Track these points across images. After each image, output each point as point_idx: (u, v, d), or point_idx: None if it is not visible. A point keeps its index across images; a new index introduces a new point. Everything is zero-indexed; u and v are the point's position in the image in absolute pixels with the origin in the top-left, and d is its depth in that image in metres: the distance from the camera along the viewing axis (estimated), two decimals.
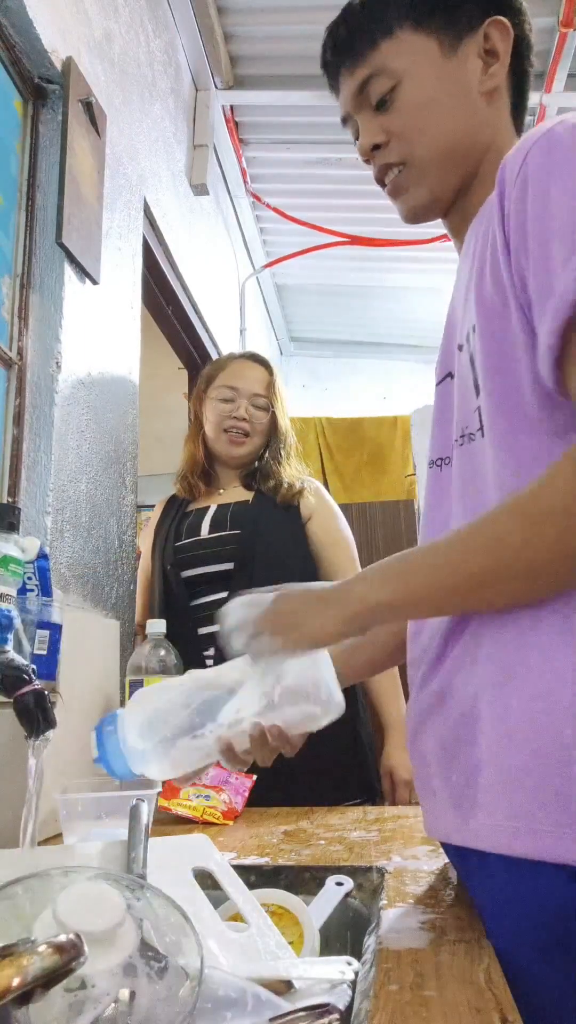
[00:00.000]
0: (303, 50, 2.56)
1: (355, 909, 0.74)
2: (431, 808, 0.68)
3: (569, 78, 2.51)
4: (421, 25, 0.73)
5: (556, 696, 0.56)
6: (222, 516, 1.58)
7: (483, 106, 0.73)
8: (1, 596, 0.82)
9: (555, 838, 0.54)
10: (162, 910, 0.49)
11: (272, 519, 1.55)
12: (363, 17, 0.76)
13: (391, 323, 4.59)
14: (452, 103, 0.73)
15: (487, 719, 0.61)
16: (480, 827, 0.60)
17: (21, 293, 1.33)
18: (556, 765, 0.55)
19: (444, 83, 0.73)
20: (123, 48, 1.76)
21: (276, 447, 1.65)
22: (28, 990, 0.34)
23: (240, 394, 1.63)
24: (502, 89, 0.75)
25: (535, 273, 0.57)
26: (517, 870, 0.57)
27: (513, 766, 0.58)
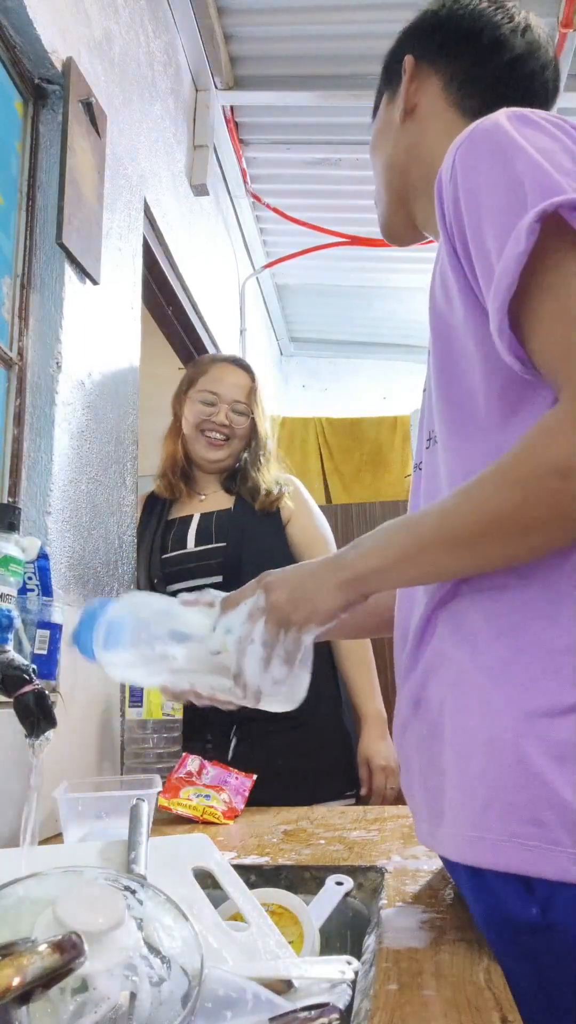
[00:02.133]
0: (303, 50, 2.56)
1: (355, 909, 0.74)
2: (415, 812, 0.69)
3: (569, 78, 2.51)
4: (385, 86, 0.87)
5: (511, 706, 0.56)
6: (207, 526, 1.59)
7: (404, 132, 0.82)
8: (1, 596, 0.82)
9: (509, 849, 0.54)
10: (162, 910, 0.49)
11: (256, 527, 1.57)
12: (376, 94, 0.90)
13: (391, 323, 4.58)
14: (383, 141, 0.85)
15: (449, 727, 0.61)
16: (444, 835, 0.60)
17: (21, 293, 1.33)
18: (509, 775, 0.55)
19: (383, 127, 0.86)
20: (123, 48, 1.76)
21: (256, 452, 1.65)
22: (28, 990, 0.34)
23: (221, 399, 1.64)
24: (423, 109, 0.81)
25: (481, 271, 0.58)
26: (479, 880, 0.57)
27: (470, 775, 0.58)
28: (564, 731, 0.53)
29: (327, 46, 2.52)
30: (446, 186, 0.62)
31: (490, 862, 0.55)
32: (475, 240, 0.58)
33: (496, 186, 0.57)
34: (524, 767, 0.54)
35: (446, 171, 0.62)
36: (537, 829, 0.53)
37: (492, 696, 0.57)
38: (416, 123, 0.82)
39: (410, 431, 3.64)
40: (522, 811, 0.53)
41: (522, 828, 0.53)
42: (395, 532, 0.64)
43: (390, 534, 0.64)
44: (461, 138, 0.62)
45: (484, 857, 0.55)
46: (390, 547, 0.63)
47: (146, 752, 1.31)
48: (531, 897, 0.53)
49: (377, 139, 0.87)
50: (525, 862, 0.53)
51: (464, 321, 0.61)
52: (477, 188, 0.58)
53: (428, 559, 0.61)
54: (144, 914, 0.47)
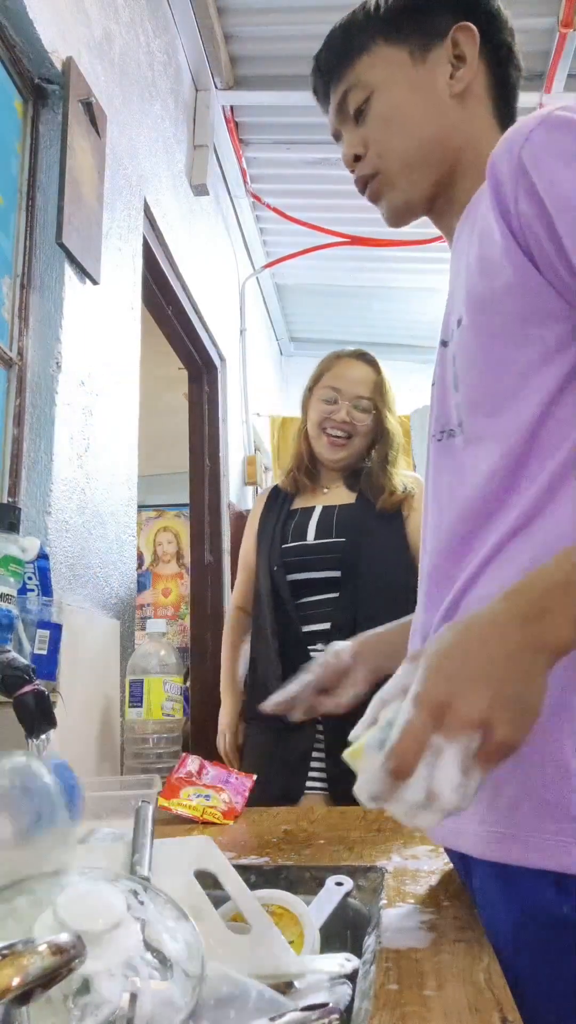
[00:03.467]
0: (303, 50, 2.55)
1: (355, 909, 0.74)
2: None
3: (569, 78, 2.51)
4: (392, 38, 0.77)
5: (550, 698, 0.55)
6: (328, 521, 1.60)
7: (454, 108, 0.76)
8: (1, 596, 0.82)
9: (537, 844, 0.54)
10: (164, 911, 0.49)
11: (377, 527, 1.56)
12: (341, 39, 0.80)
13: (391, 323, 4.58)
14: (420, 108, 0.76)
15: None
16: (469, 833, 0.60)
17: (21, 293, 1.33)
18: (537, 771, 0.55)
19: (413, 90, 0.76)
20: (123, 48, 1.76)
21: (383, 452, 1.63)
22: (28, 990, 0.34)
23: (343, 395, 1.62)
24: (475, 91, 0.77)
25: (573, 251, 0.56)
26: (503, 876, 0.57)
27: (499, 771, 0.57)
28: None
29: None
30: (510, 174, 0.59)
31: (521, 858, 0.54)
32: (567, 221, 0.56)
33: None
34: (556, 763, 0.54)
35: (510, 159, 0.59)
36: (571, 825, 0.52)
37: None
38: (466, 101, 0.76)
39: (410, 431, 3.63)
40: (555, 807, 0.53)
41: (555, 824, 0.53)
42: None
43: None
44: (528, 126, 0.59)
45: (514, 854, 0.55)
46: None
47: (146, 752, 1.31)
48: (562, 894, 0.53)
49: (404, 103, 0.76)
50: (558, 858, 0.53)
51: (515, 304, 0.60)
52: (564, 165, 0.57)
53: None
54: (146, 915, 0.47)
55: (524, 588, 0.52)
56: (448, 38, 0.76)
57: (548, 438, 0.60)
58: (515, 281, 0.60)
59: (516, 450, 0.61)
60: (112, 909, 0.44)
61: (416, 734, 0.46)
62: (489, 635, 0.50)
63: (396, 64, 0.77)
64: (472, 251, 0.65)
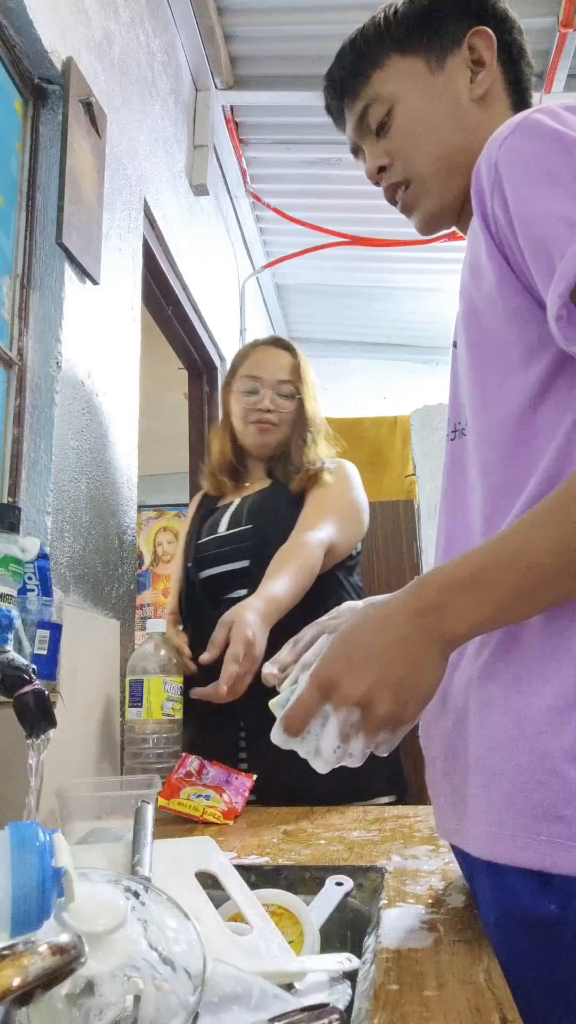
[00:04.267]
0: (303, 50, 2.56)
1: (355, 909, 0.74)
2: (439, 808, 0.69)
3: (569, 78, 2.51)
4: (407, 50, 0.78)
5: (534, 701, 0.56)
6: (240, 510, 1.55)
7: (475, 112, 0.77)
8: (1, 596, 0.82)
9: (527, 844, 0.54)
10: (166, 912, 0.49)
11: (286, 508, 1.50)
12: (353, 56, 0.81)
13: (391, 323, 4.58)
14: (444, 115, 0.77)
15: (473, 722, 0.61)
16: (468, 831, 0.60)
17: (21, 293, 1.33)
18: (530, 771, 0.55)
19: (435, 98, 0.77)
20: (123, 48, 1.76)
21: (301, 433, 1.58)
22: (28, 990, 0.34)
23: (263, 383, 1.58)
24: (495, 93, 0.78)
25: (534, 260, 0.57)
26: (497, 875, 0.57)
27: (492, 770, 0.58)
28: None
29: (327, 46, 2.49)
30: (488, 177, 0.61)
31: (509, 857, 0.55)
32: (528, 230, 0.57)
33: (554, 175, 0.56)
34: (545, 763, 0.54)
35: (488, 162, 0.61)
36: (557, 825, 0.53)
37: (516, 691, 0.58)
38: (487, 103, 0.77)
39: (410, 431, 3.63)
40: (542, 807, 0.54)
41: (542, 824, 0.54)
42: (499, 567, 0.54)
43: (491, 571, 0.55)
44: (507, 130, 0.61)
45: (503, 852, 0.56)
46: (502, 587, 0.54)
47: (146, 752, 1.31)
48: (549, 892, 0.54)
49: (428, 111, 0.77)
50: (544, 857, 0.53)
51: (498, 308, 0.62)
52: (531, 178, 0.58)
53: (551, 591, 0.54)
54: (148, 916, 0.47)
55: (428, 581, 0.59)
56: (464, 44, 0.77)
57: (537, 435, 0.61)
58: (496, 284, 0.61)
59: (508, 448, 0.62)
60: (114, 910, 0.44)
61: (305, 704, 0.58)
62: (385, 623, 0.58)
63: (414, 75, 0.78)
64: (468, 252, 0.67)
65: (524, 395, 0.61)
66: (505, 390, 0.62)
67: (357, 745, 0.58)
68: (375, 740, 0.58)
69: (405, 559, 3.06)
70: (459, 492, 0.69)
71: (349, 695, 0.56)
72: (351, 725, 0.57)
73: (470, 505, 0.67)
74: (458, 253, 3.38)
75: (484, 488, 0.65)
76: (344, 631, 0.60)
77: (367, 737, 0.57)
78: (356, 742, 0.58)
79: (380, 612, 0.59)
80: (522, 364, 0.61)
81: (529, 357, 0.61)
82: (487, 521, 0.64)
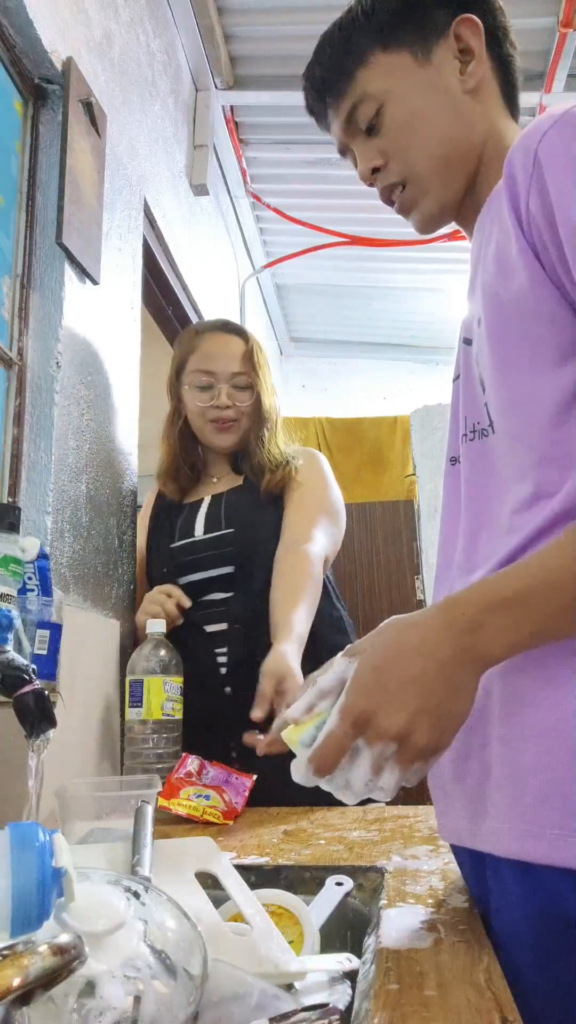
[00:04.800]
0: (303, 50, 2.51)
1: (355, 909, 0.74)
2: (445, 810, 0.67)
3: (569, 78, 2.51)
4: (390, 43, 0.74)
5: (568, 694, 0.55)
6: (216, 512, 1.49)
7: (470, 104, 0.74)
8: (1, 596, 0.82)
9: (562, 843, 0.53)
10: (166, 912, 0.49)
11: (264, 509, 1.45)
12: (334, 53, 0.77)
13: (391, 323, 4.58)
14: (439, 110, 0.73)
15: (497, 715, 0.59)
16: (489, 831, 0.59)
17: (21, 293, 1.33)
18: (564, 766, 0.54)
19: (425, 92, 0.73)
20: (123, 48, 1.76)
21: (258, 430, 1.49)
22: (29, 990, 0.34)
23: (218, 378, 1.47)
24: (487, 81, 0.75)
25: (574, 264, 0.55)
26: (524, 874, 0.56)
27: (521, 766, 0.56)
28: None
29: None
30: (524, 171, 0.58)
31: (546, 857, 0.54)
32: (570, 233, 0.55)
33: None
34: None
35: (524, 156, 0.58)
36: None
37: (547, 684, 0.56)
38: (481, 93, 0.74)
39: (410, 431, 3.64)
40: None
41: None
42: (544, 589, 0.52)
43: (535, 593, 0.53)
44: (547, 122, 0.57)
45: (539, 852, 0.54)
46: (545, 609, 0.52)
47: (146, 752, 1.31)
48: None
49: (420, 106, 0.73)
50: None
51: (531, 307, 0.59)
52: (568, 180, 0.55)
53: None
54: (148, 916, 0.47)
55: (464, 600, 0.55)
56: (450, 33, 0.73)
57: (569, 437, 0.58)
58: (527, 282, 0.59)
59: (542, 448, 0.60)
60: (114, 910, 0.44)
61: (336, 742, 0.53)
62: (422, 646, 0.54)
63: (401, 69, 0.74)
64: (491, 248, 0.64)
65: (559, 395, 0.59)
66: (538, 390, 0.60)
67: (390, 779, 0.54)
68: (410, 771, 0.54)
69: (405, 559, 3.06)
70: (486, 494, 0.66)
71: (387, 730, 0.52)
72: (384, 759, 0.53)
73: (499, 507, 0.64)
74: (458, 253, 3.37)
75: (517, 489, 0.62)
76: (373, 657, 0.55)
77: (402, 769, 0.54)
78: (389, 775, 0.54)
79: (411, 634, 0.55)
80: (556, 364, 0.59)
81: (564, 357, 0.58)
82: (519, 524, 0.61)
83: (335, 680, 0.57)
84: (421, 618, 0.56)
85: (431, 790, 0.69)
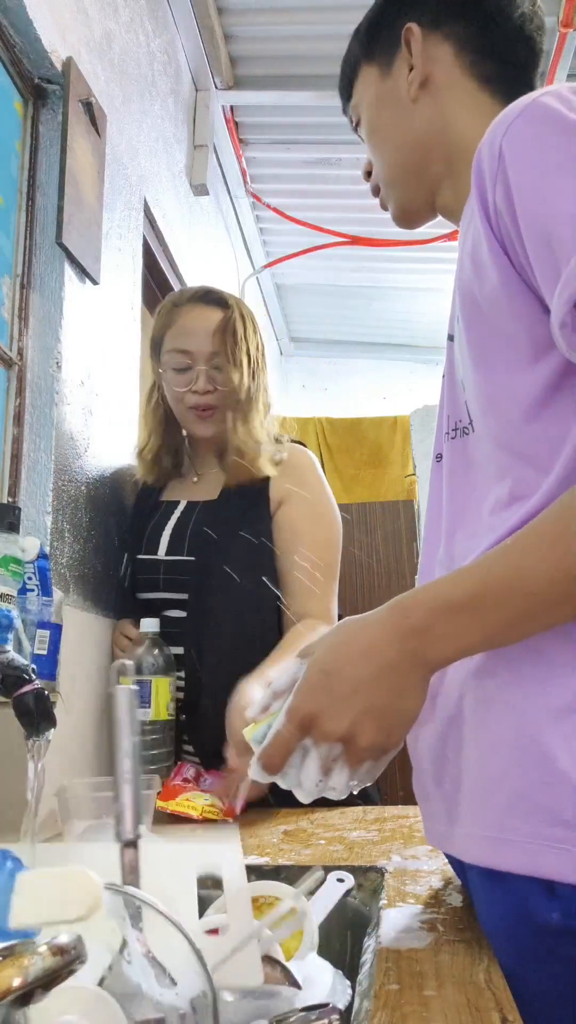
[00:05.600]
0: (303, 50, 2.56)
1: (355, 909, 0.74)
2: (428, 813, 0.66)
3: (569, 78, 2.51)
4: (370, 57, 0.80)
5: (536, 701, 0.54)
6: (182, 530, 1.37)
7: (418, 109, 0.76)
8: (1, 596, 0.82)
9: (531, 851, 0.52)
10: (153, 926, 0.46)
11: (234, 531, 1.31)
12: (342, 67, 0.84)
13: (391, 323, 4.58)
14: (389, 119, 0.78)
15: (469, 723, 0.59)
16: (461, 837, 0.58)
17: (21, 293, 1.33)
18: (534, 774, 0.53)
19: (382, 103, 0.79)
20: (123, 48, 1.76)
21: (235, 415, 1.32)
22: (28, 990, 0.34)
23: (195, 358, 1.33)
24: (439, 82, 0.75)
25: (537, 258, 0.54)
26: (497, 882, 0.55)
27: (490, 773, 0.56)
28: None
29: (327, 46, 2.51)
30: (490, 165, 0.57)
31: (513, 864, 0.53)
32: (532, 226, 0.54)
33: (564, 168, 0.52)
34: (550, 766, 0.52)
35: (490, 149, 0.57)
36: (564, 831, 0.51)
37: (515, 689, 0.55)
38: (431, 96, 0.75)
39: (410, 431, 3.64)
40: (548, 812, 0.52)
41: (548, 830, 0.51)
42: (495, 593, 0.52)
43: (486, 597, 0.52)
44: (512, 114, 0.56)
45: (506, 859, 0.53)
46: (496, 613, 0.52)
47: (145, 752, 1.31)
48: (554, 900, 0.52)
49: (378, 115, 0.79)
50: (551, 865, 0.51)
51: (503, 304, 0.58)
52: (538, 169, 0.53)
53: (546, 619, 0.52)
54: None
55: (413, 603, 0.55)
56: (402, 43, 0.76)
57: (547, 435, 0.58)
58: (499, 279, 0.58)
59: (520, 446, 0.59)
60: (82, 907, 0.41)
61: (282, 742, 0.55)
62: (368, 648, 0.54)
63: (372, 82, 0.79)
64: (466, 245, 0.63)
65: (533, 392, 0.58)
66: (513, 387, 0.59)
67: (340, 778, 0.55)
68: (359, 771, 0.56)
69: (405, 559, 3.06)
70: (465, 492, 0.66)
71: (332, 731, 0.54)
72: (332, 759, 0.55)
73: (478, 505, 0.64)
74: None
75: (495, 489, 0.61)
76: (321, 659, 0.56)
77: (350, 769, 0.55)
78: (339, 775, 0.55)
79: (360, 637, 0.56)
80: (531, 361, 0.58)
81: (538, 354, 0.57)
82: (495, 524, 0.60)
83: (288, 680, 0.58)
84: (370, 619, 0.56)
85: (415, 793, 0.68)
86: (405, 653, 0.53)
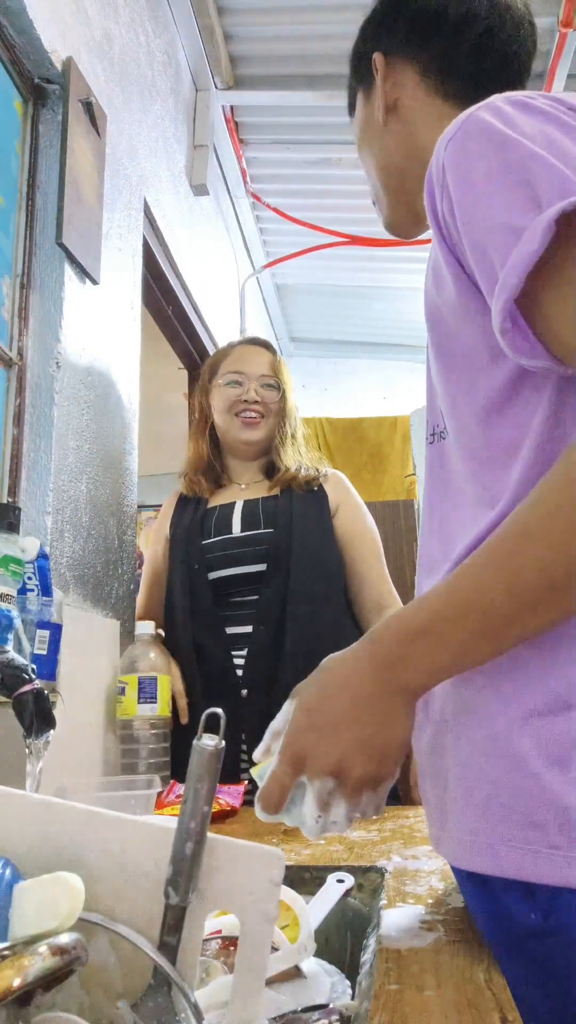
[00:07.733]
0: (303, 50, 2.56)
1: (355, 909, 0.74)
2: (426, 814, 0.67)
3: (569, 78, 2.51)
4: (357, 84, 0.84)
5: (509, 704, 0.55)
6: (253, 511, 1.53)
7: (388, 132, 0.80)
8: (1, 596, 0.82)
9: (507, 853, 0.52)
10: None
11: (304, 515, 1.51)
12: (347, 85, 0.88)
13: (391, 323, 4.58)
14: (372, 142, 0.82)
15: (452, 729, 0.59)
16: (446, 840, 0.59)
17: (21, 293, 1.33)
18: (506, 776, 0.53)
19: (367, 127, 0.83)
20: (123, 48, 1.76)
21: (283, 430, 1.60)
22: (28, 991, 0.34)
23: (248, 377, 1.59)
24: (407, 105, 0.78)
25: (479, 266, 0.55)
26: (479, 884, 0.56)
27: (469, 776, 0.56)
28: (562, 730, 0.52)
29: (327, 46, 2.52)
30: (436, 179, 0.59)
31: (489, 867, 0.53)
32: (471, 235, 0.55)
33: (494, 179, 0.54)
34: (522, 768, 0.53)
35: (436, 164, 0.60)
36: (536, 833, 0.51)
37: (490, 694, 0.56)
38: (400, 120, 0.78)
39: (410, 431, 3.63)
40: (520, 814, 0.52)
41: (521, 832, 0.52)
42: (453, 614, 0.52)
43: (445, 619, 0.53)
44: (452, 129, 0.58)
45: (483, 862, 0.54)
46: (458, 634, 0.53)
47: (145, 750, 1.31)
48: (532, 902, 0.52)
49: (363, 138, 0.84)
50: (524, 867, 0.51)
51: (460, 311, 0.60)
52: (472, 181, 0.55)
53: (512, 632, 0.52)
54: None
55: (382, 635, 0.56)
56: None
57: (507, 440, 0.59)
58: (455, 289, 0.60)
59: (482, 453, 0.61)
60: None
61: (277, 782, 0.56)
62: (346, 683, 0.56)
63: (360, 106, 0.84)
64: (431, 255, 0.66)
65: (491, 397, 0.59)
66: (474, 393, 0.60)
67: (339, 812, 0.55)
68: (358, 803, 0.56)
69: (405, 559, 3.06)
70: (441, 497, 0.67)
71: (322, 767, 0.54)
72: (328, 793, 0.55)
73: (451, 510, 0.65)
74: None
75: (466, 493, 0.62)
76: (305, 697, 0.57)
77: (348, 802, 0.55)
78: (338, 809, 0.55)
79: (338, 672, 0.57)
80: (488, 367, 0.59)
81: (494, 359, 0.59)
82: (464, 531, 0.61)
83: (282, 722, 0.59)
84: (348, 655, 0.58)
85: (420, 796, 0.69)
86: (381, 683, 0.55)
